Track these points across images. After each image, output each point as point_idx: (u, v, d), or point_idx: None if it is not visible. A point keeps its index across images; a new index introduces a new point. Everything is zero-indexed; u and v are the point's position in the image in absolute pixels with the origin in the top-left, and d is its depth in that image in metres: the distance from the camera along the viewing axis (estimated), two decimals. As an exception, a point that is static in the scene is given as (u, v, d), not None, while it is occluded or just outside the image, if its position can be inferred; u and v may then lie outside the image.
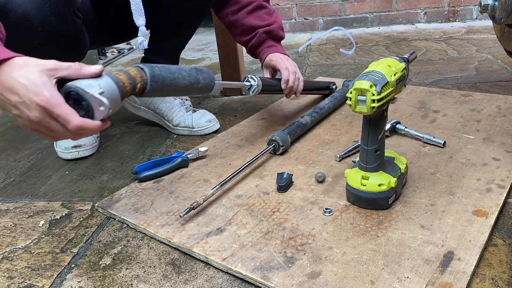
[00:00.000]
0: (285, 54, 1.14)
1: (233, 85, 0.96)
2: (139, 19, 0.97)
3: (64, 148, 1.11)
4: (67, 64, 0.60)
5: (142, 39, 1.03)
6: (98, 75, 0.63)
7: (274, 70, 1.13)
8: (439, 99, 1.25)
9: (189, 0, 1.11)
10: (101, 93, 0.62)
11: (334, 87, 1.34)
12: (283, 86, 1.08)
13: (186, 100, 1.24)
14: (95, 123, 0.62)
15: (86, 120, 0.61)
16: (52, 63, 0.59)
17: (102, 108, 0.62)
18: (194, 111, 1.21)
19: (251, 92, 1.02)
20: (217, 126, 1.21)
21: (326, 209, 0.76)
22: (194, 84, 0.78)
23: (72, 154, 1.11)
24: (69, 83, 0.62)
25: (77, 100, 0.62)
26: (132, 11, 0.96)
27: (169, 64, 0.78)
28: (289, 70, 1.08)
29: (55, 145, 1.14)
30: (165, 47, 1.20)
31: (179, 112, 1.21)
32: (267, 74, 1.13)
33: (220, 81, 0.89)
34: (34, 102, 0.56)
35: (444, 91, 1.31)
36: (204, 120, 1.19)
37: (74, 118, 0.59)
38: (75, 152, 1.11)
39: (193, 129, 1.19)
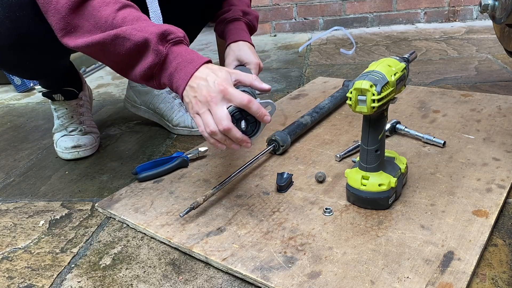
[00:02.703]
0: (252, 45, 1.06)
1: None
2: None
3: (64, 148, 1.11)
4: (245, 74, 0.74)
5: None
6: (265, 91, 0.74)
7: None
8: (439, 99, 1.25)
9: (199, 4, 1.10)
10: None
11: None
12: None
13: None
14: (240, 134, 0.69)
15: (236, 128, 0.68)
16: (235, 70, 0.75)
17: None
18: (194, 111, 1.21)
19: None
20: (217, 126, 1.21)
21: (326, 209, 0.76)
22: None
23: (72, 154, 1.11)
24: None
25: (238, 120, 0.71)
26: (151, 19, 0.95)
27: None
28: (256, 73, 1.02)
29: (55, 145, 1.14)
30: None
31: (178, 112, 1.21)
32: (230, 60, 1.04)
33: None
34: (217, 83, 0.68)
35: (444, 91, 1.31)
36: (204, 120, 1.19)
37: (242, 99, 0.68)
38: (75, 152, 1.10)
39: (193, 129, 1.19)
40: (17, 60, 0.93)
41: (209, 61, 0.73)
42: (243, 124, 0.70)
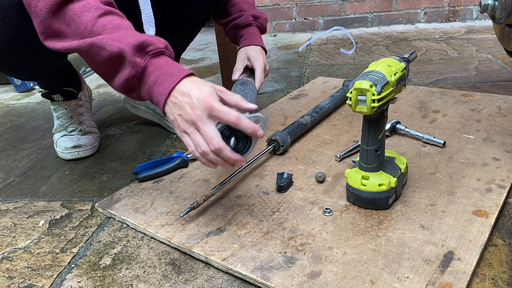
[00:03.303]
0: (264, 48, 1.11)
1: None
2: (150, 29, 0.96)
3: (64, 148, 1.11)
4: (231, 93, 0.70)
5: None
6: (252, 111, 0.70)
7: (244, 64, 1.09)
8: (439, 99, 1.25)
9: (194, 5, 1.10)
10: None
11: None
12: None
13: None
14: (232, 153, 0.66)
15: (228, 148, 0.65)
16: (221, 87, 0.70)
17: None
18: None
19: None
20: (217, 126, 1.20)
21: (326, 209, 0.76)
22: None
23: (72, 154, 1.11)
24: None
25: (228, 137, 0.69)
26: (143, 21, 0.95)
27: None
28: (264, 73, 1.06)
29: (55, 145, 1.14)
30: None
31: (179, 112, 1.20)
32: (241, 57, 1.08)
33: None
34: (201, 99, 0.64)
35: (444, 91, 1.31)
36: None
37: (231, 115, 0.65)
38: (75, 152, 1.10)
39: (193, 129, 1.19)
40: (14, 62, 0.93)
41: (192, 74, 0.69)
42: (232, 141, 0.68)
